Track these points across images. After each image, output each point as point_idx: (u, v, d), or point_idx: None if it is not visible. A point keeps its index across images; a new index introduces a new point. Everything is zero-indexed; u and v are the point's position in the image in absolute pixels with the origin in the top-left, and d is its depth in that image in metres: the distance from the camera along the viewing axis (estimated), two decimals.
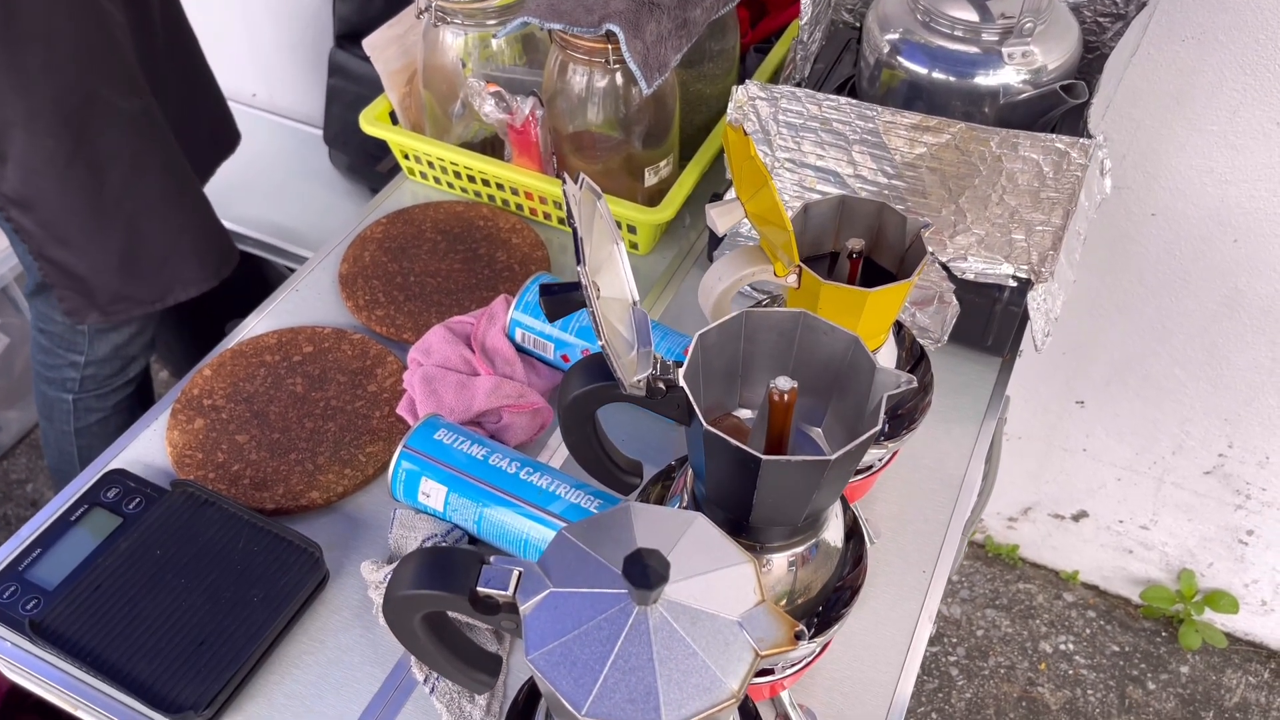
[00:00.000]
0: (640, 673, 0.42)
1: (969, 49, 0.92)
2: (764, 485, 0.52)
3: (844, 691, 0.75)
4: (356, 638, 0.76)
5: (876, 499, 0.86)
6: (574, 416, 0.58)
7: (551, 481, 0.77)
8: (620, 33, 0.90)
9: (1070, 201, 0.85)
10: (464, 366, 0.89)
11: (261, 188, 1.88)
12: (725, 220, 0.65)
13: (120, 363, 1.32)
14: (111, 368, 1.32)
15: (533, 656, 0.43)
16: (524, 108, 0.99)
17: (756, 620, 0.44)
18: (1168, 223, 1.35)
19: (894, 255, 0.70)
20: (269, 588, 0.76)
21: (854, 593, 0.64)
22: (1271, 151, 1.23)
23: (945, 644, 1.81)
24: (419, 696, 0.73)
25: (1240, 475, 1.59)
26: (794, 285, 0.66)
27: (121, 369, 1.33)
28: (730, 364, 0.58)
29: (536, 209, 1.08)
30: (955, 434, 0.92)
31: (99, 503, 0.81)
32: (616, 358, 0.51)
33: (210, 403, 0.89)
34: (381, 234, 1.06)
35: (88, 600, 0.74)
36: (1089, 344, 1.54)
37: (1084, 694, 1.74)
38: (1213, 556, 1.72)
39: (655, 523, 0.47)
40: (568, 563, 0.45)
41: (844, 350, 0.56)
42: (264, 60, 1.99)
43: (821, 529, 0.61)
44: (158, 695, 0.70)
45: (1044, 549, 1.88)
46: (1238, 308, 1.39)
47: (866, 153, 0.89)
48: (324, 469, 0.85)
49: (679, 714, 0.42)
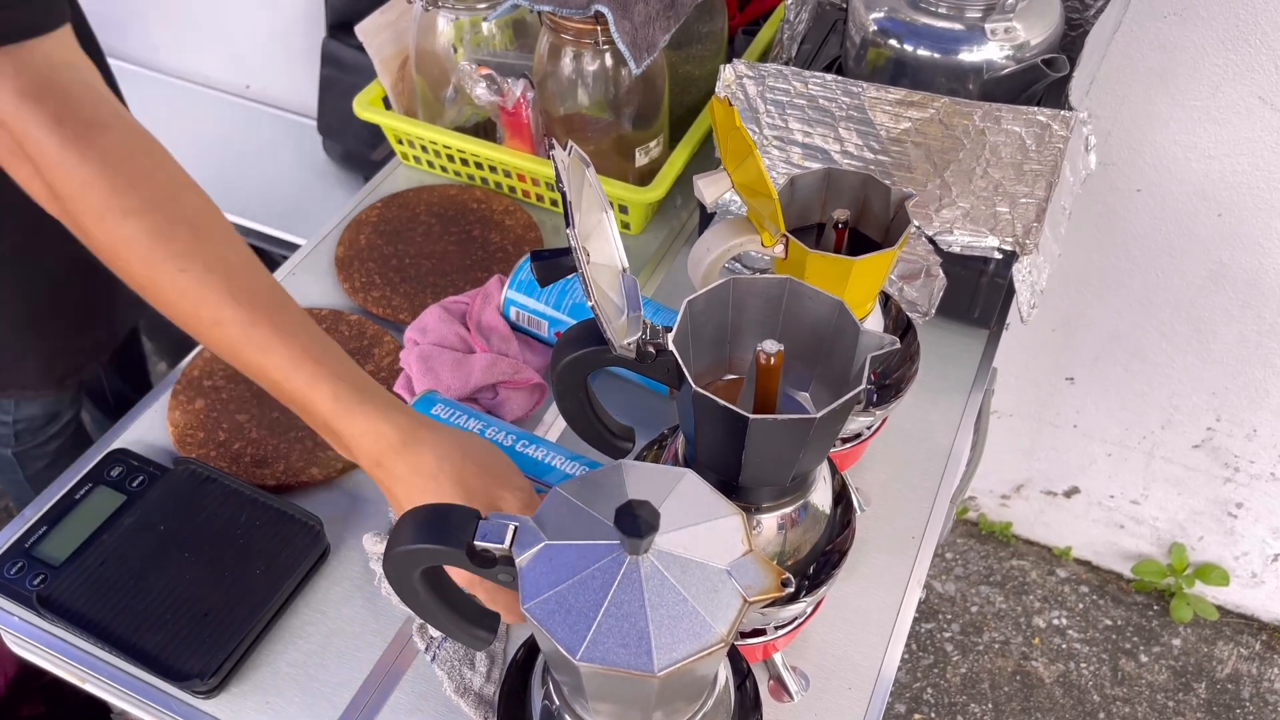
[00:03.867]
0: (632, 619, 0.44)
1: (953, 26, 0.93)
2: (752, 445, 0.54)
3: (836, 654, 0.77)
4: (358, 608, 0.78)
5: (867, 468, 0.88)
6: (567, 381, 0.60)
7: (547, 453, 0.78)
8: (609, 14, 0.92)
9: (1053, 174, 0.87)
10: (460, 344, 0.90)
11: (256, 178, 1.89)
12: (712, 190, 0.67)
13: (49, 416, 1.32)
14: (44, 419, 1.32)
15: (528, 606, 0.45)
16: (515, 90, 1.01)
17: (744, 569, 0.46)
18: (1153, 198, 1.37)
19: (879, 225, 0.71)
20: (271, 561, 0.77)
21: (842, 556, 0.65)
22: (1253, 126, 1.24)
23: (940, 620, 1.83)
24: (419, 664, 0.75)
25: (1228, 448, 1.61)
26: (781, 255, 0.68)
27: (55, 417, 1.33)
28: (719, 330, 0.60)
29: (529, 191, 1.10)
30: (943, 405, 0.93)
31: (103, 481, 0.82)
32: (607, 320, 0.52)
33: (210, 383, 0.91)
34: (377, 217, 1.07)
35: (93, 574, 0.76)
36: (1077, 320, 1.56)
37: (1077, 667, 1.77)
38: (1203, 530, 1.74)
39: (646, 479, 0.48)
40: (562, 517, 0.47)
41: (829, 315, 0.58)
42: (257, 52, 2.00)
43: (809, 491, 0.62)
44: (163, 665, 0.72)
45: (1036, 526, 1.90)
46: (1223, 281, 1.41)
47: (853, 129, 0.91)
48: (324, 446, 0.86)
49: (670, 657, 0.43)
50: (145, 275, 0.63)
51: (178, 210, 0.64)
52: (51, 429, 1.34)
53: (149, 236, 0.62)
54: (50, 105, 0.61)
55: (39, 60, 0.62)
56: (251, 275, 0.66)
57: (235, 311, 0.63)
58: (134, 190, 0.62)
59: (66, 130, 0.61)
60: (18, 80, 0.61)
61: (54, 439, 1.35)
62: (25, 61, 0.61)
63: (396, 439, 0.64)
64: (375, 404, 0.65)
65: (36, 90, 0.61)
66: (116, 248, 0.63)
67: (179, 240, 0.63)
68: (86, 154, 0.61)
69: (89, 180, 0.61)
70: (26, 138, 0.61)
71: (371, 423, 0.64)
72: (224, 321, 0.63)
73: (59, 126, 0.61)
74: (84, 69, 0.65)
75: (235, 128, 2.00)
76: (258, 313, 0.64)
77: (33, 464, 1.36)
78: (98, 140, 0.62)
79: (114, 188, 0.62)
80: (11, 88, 0.61)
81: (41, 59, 0.62)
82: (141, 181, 0.63)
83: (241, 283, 0.65)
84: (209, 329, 0.64)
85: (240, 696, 0.73)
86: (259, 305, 0.64)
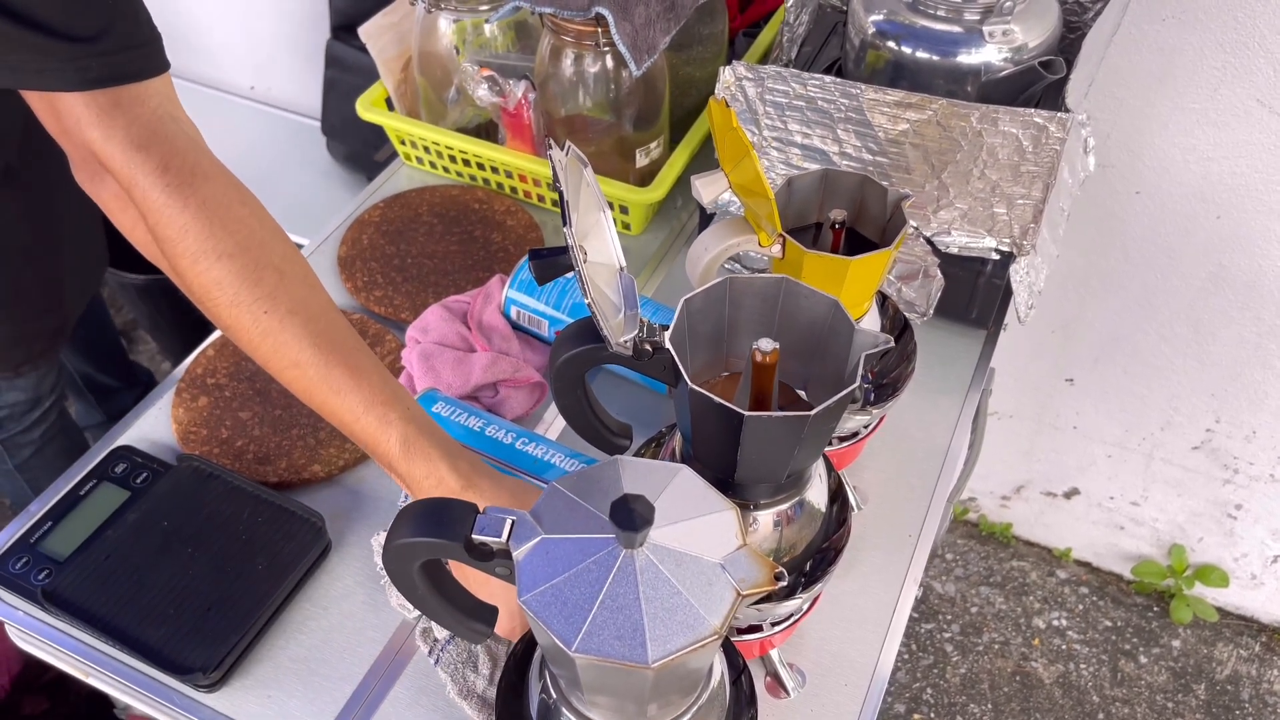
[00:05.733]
0: (627, 611, 0.44)
1: (951, 28, 0.94)
2: (748, 441, 0.54)
3: (832, 651, 0.78)
4: (359, 604, 0.79)
5: (864, 467, 0.89)
6: (565, 379, 0.61)
7: (546, 451, 0.79)
8: (609, 15, 0.93)
9: (1050, 175, 0.87)
10: (461, 343, 0.91)
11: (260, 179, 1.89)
12: (710, 190, 0.67)
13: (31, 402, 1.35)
14: (26, 405, 1.34)
15: (525, 598, 0.45)
16: (516, 91, 1.01)
17: (738, 562, 0.46)
18: (1152, 200, 1.37)
19: (876, 226, 0.72)
20: (273, 556, 0.78)
21: (838, 553, 0.66)
22: (1252, 128, 1.25)
23: (940, 621, 1.83)
24: (420, 659, 0.76)
25: (1228, 450, 1.61)
26: (778, 255, 0.68)
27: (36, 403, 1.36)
28: (716, 329, 0.61)
29: (531, 191, 1.10)
30: (941, 405, 0.94)
31: (107, 477, 0.83)
32: (604, 318, 0.53)
33: (214, 381, 0.92)
34: (379, 217, 1.08)
35: (98, 569, 0.77)
36: (1077, 322, 1.57)
37: (1077, 668, 1.77)
38: (1202, 531, 1.75)
39: (642, 474, 0.49)
40: (558, 511, 0.48)
41: (825, 313, 0.58)
42: (260, 54, 2.01)
43: (805, 488, 0.63)
44: (166, 659, 0.73)
45: (1036, 527, 1.91)
46: (1222, 283, 1.41)
47: (851, 130, 0.91)
48: (325, 443, 0.87)
49: (664, 649, 0.44)
50: (232, 316, 0.66)
51: (266, 255, 0.67)
52: (34, 415, 1.35)
53: (238, 279, 0.65)
54: (157, 154, 0.65)
55: (148, 113, 0.66)
56: (329, 319, 0.69)
57: (314, 355, 0.67)
58: (229, 235, 0.66)
59: (171, 178, 0.65)
60: (129, 131, 0.65)
61: (37, 425, 1.37)
62: (136, 114, 0.65)
63: (456, 485, 0.67)
64: (439, 450, 0.68)
65: (145, 140, 0.65)
66: (208, 289, 0.66)
67: (265, 284, 0.66)
68: (188, 200, 0.65)
69: (188, 226, 0.65)
70: (134, 185, 0.65)
71: (434, 467, 0.67)
72: (303, 364, 0.67)
73: (164, 174, 0.64)
74: (185, 123, 0.69)
75: (239, 128, 2.01)
76: (334, 355, 0.67)
77: (19, 453, 1.38)
78: (200, 188, 0.66)
79: (210, 233, 0.65)
80: (123, 138, 0.64)
81: (150, 112, 0.66)
82: (235, 227, 0.67)
83: (320, 327, 0.68)
84: (287, 369, 0.67)
85: (242, 690, 0.74)
86: (335, 349, 0.68)
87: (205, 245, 0.65)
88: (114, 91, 0.65)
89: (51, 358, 1.32)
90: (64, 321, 1.31)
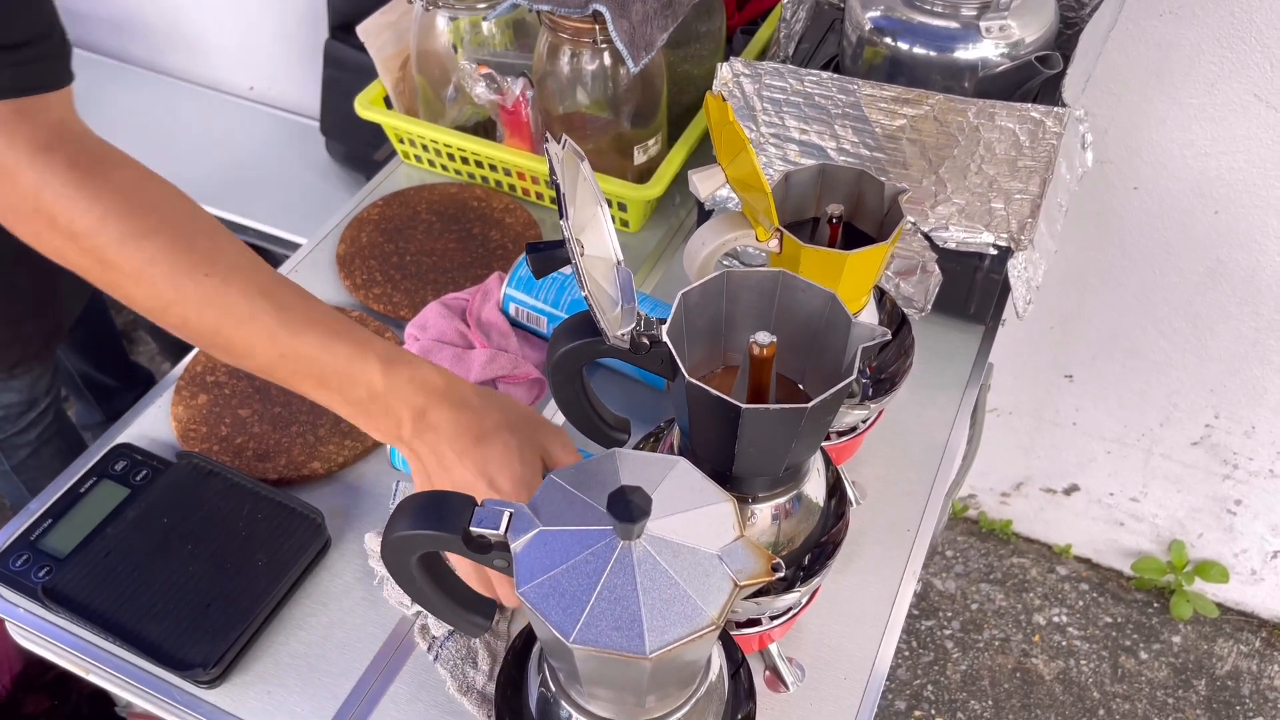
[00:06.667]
0: (625, 602, 0.45)
1: (948, 24, 0.94)
2: (745, 435, 0.54)
3: (831, 646, 0.78)
4: (358, 600, 0.79)
5: (863, 462, 0.89)
6: (563, 372, 0.61)
7: None
8: (606, 13, 0.93)
9: (1047, 170, 0.88)
10: (460, 340, 0.91)
11: (259, 179, 1.90)
12: (707, 185, 0.68)
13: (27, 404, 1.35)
14: (21, 407, 1.35)
15: (523, 590, 0.46)
16: (514, 88, 1.02)
17: (735, 554, 0.47)
18: (1150, 196, 1.37)
19: (873, 220, 0.72)
20: (273, 552, 0.78)
21: (836, 546, 0.66)
22: (1249, 123, 1.25)
23: (940, 618, 1.83)
24: (419, 655, 0.76)
25: (1227, 445, 1.61)
26: (775, 250, 0.68)
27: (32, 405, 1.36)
28: (713, 323, 0.61)
29: (529, 189, 1.10)
30: (939, 401, 0.94)
31: (107, 475, 0.83)
32: (601, 312, 0.53)
33: (213, 378, 0.92)
34: (378, 215, 1.08)
35: (98, 566, 0.77)
36: (1076, 318, 1.57)
37: (1077, 664, 1.77)
38: (1202, 527, 1.75)
39: (640, 466, 0.49)
40: (556, 504, 0.48)
41: (822, 307, 0.59)
42: (259, 53, 2.01)
43: (802, 481, 0.63)
44: (167, 655, 0.73)
45: (1036, 523, 1.91)
46: (1220, 278, 1.41)
47: (848, 126, 0.92)
48: (325, 440, 0.87)
49: (661, 640, 0.44)
50: (172, 289, 0.65)
51: (192, 224, 0.67)
52: (30, 416, 1.35)
53: (171, 249, 0.65)
54: (63, 151, 0.64)
55: (52, 120, 0.66)
56: (272, 274, 0.69)
57: (266, 302, 0.66)
58: (151, 213, 0.65)
59: (80, 172, 0.64)
60: (33, 135, 0.64)
61: (33, 427, 1.37)
62: (39, 121, 0.65)
63: (441, 382, 0.68)
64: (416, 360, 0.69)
65: (49, 142, 0.64)
66: (142, 269, 0.65)
67: (199, 249, 0.66)
68: (102, 189, 0.64)
69: (108, 212, 0.64)
70: (45, 186, 0.64)
71: (416, 369, 0.68)
72: (258, 314, 0.66)
73: (74, 169, 0.64)
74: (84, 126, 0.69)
75: (238, 129, 2.01)
76: (287, 299, 0.67)
77: (15, 454, 1.38)
78: (112, 175, 0.65)
79: (133, 214, 0.65)
80: (27, 143, 0.64)
81: (54, 119, 0.66)
82: (156, 205, 0.66)
83: (264, 279, 0.67)
84: (243, 326, 0.66)
85: (242, 686, 0.74)
86: (287, 293, 0.67)
87: (129, 227, 0.64)
88: (20, 101, 0.64)
89: (47, 359, 1.32)
90: (59, 323, 1.31)
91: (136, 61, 2.12)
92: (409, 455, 0.69)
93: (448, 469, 0.67)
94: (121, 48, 2.10)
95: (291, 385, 0.69)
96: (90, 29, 2.07)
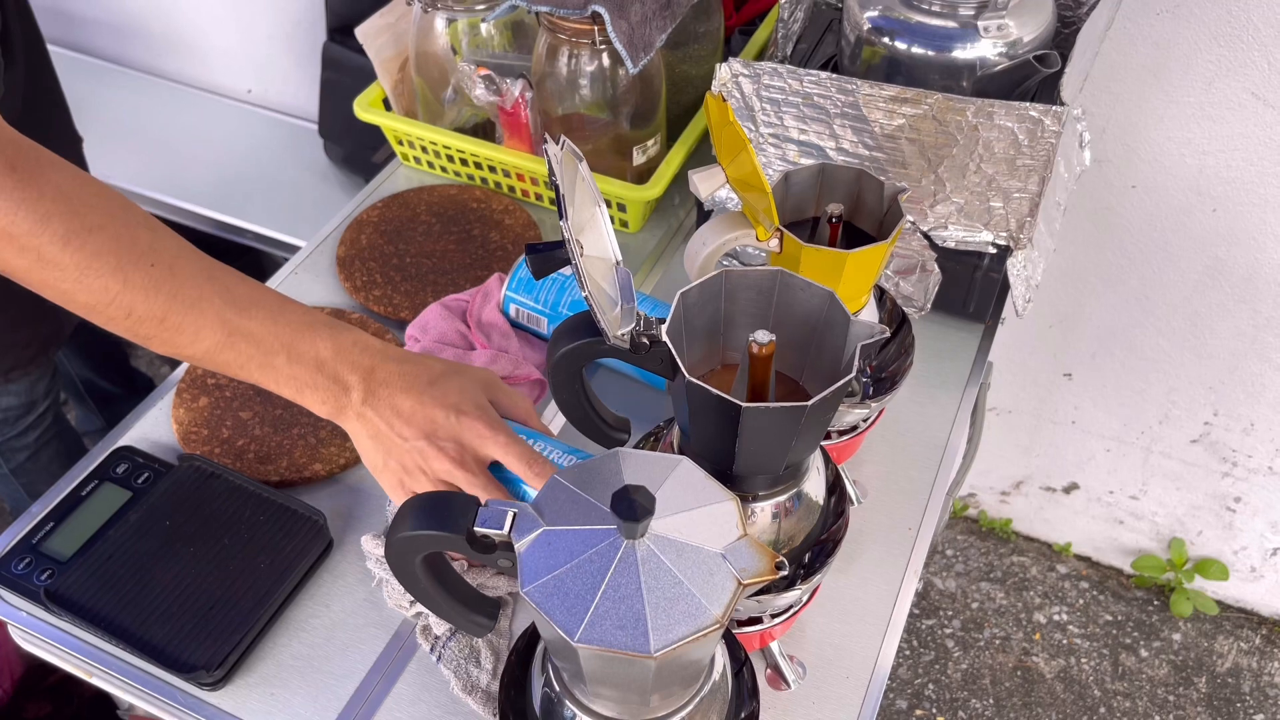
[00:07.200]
0: (629, 601, 0.45)
1: (946, 23, 0.94)
2: (745, 433, 0.55)
3: (833, 644, 0.78)
4: (360, 601, 0.79)
5: (864, 461, 0.89)
6: (563, 372, 0.61)
7: (545, 448, 0.79)
8: (605, 14, 0.93)
9: (1046, 168, 0.88)
10: (460, 341, 0.91)
11: (257, 182, 1.91)
12: (707, 185, 0.68)
13: (25, 407, 1.35)
14: (19, 410, 1.35)
15: (528, 589, 0.46)
16: (513, 89, 1.02)
17: (739, 552, 0.47)
18: (1148, 194, 1.37)
19: (873, 219, 0.72)
20: (275, 554, 0.78)
21: (836, 544, 0.66)
22: (1247, 121, 1.25)
23: (941, 617, 1.84)
24: (422, 656, 0.76)
25: (1226, 443, 1.61)
26: (776, 249, 0.68)
27: (30, 408, 1.36)
28: (712, 322, 0.61)
29: (528, 190, 1.11)
30: (940, 400, 0.94)
31: (109, 478, 0.83)
32: (601, 312, 0.53)
33: (214, 381, 0.92)
34: (378, 217, 1.09)
35: (100, 569, 0.77)
36: (1075, 317, 1.57)
37: (1078, 663, 1.77)
38: (1202, 524, 1.75)
39: (643, 465, 0.49)
40: (560, 503, 0.48)
41: (820, 305, 0.59)
42: (257, 56, 2.01)
43: (803, 480, 0.63)
44: (170, 657, 0.73)
45: (1036, 522, 1.91)
46: (1218, 277, 1.42)
47: (847, 126, 0.92)
48: (326, 442, 0.87)
49: (666, 639, 0.44)
50: (119, 281, 0.66)
51: (132, 218, 0.68)
52: (28, 419, 1.35)
53: (115, 242, 0.66)
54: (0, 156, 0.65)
55: None
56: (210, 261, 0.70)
57: (211, 285, 0.68)
58: (92, 210, 0.66)
59: (20, 175, 0.64)
60: None
61: (31, 430, 1.37)
62: None
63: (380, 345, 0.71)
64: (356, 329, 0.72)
65: None
66: (88, 262, 0.66)
67: (142, 241, 0.67)
68: (44, 189, 0.65)
69: (50, 212, 0.64)
70: None
71: (361, 336, 0.71)
72: (205, 296, 0.67)
73: (13, 173, 0.64)
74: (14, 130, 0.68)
75: (237, 132, 2.01)
76: (229, 282, 0.69)
77: (14, 457, 1.38)
78: (51, 176, 0.66)
79: (74, 211, 0.65)
80: None
81: None
82: (95, 202, 0.67)
83: (207, 264, 0.69)
84: (191, 308, 0.67)
85: (245, 688, 0.74)
86: (229, 278, 0.69)
87: (73, 224, 0.65)
88: None
89: (45, 363, 1.32)
90: (57, 327, 1.31)
91: (135, 65, 2.12)
92: (359, 428, 0.70)
93: (407, 418, 0.69)
94: (120, 52, 2.10)
95: (233, 370, 0.69)
96: (89, 33, 2.08)
